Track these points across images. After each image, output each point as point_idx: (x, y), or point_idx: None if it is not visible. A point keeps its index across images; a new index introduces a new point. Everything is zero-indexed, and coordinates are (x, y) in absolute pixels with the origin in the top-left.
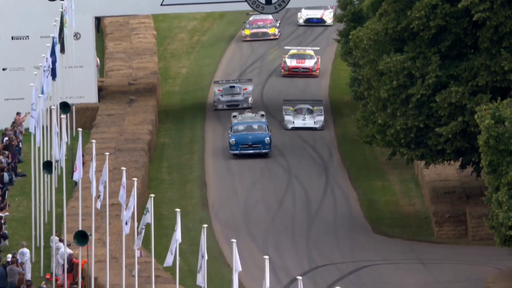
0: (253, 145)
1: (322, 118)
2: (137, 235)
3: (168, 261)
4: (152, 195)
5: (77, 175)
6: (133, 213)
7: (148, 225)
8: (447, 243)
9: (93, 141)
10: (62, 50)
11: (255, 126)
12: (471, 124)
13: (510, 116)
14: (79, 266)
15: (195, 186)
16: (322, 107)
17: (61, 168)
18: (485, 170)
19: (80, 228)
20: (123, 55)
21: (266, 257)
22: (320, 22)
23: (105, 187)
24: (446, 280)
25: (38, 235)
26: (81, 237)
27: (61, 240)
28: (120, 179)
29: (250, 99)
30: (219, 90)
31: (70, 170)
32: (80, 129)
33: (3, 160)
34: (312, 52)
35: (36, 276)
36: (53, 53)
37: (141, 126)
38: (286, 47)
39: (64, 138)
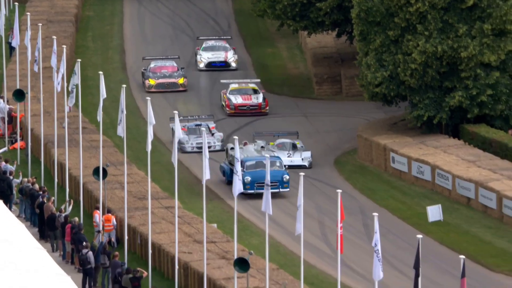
0: (271, 184)
1: (309, 154)
2: (69, 94)
3: (98, 117)
4: (79, 60)
5: (15, 42)
6: (63, 75)
7: (76, 85)
8: (325, 99)
9: (28, 13)
10: None
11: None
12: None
13: None
14: (17, 119)
15: (115, 52)
16: (301, 141)
17: (1, 36)
18: (356, 38)
19: (18, 87)
20: None
21: (176, 112)
22: (224, 65)
23: (39, 53)
24: (324, 130)
25: None
26: (19, 95)
27: (1, 97)
28: (52, 46)
29: (222, 139)
30: (183, 129)
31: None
32: (16, 3)
33: None
34: (255, 86)
35: None
36: None
37: (68, 1)
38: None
39: (3, 10)
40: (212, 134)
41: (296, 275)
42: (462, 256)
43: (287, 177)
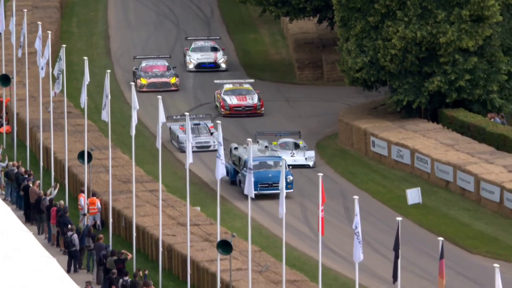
0: (274, 185)
1: (313, 153)
2: (56, 80)
3: (82, 100)
4: (64, 45)
5: (0, 28)
6: (48, 60)
7: (62, 71)
8: (307, 84)
9: None
10: None
11: (271, 162)
12: None
13: None
14: (3, 103)
15: (99, 38)
16: (303, 141)
17: None
18: (337, 24)
19: (3, 72)
20: None
21: (159, 96)
22: (213, 66)
23: (24, 39)
24: (306, 114)
25: None
26: (5, 80)
27: None
28: (37, 32)
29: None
30: (181, 128)
31: None
32: None
33: None
34: (249, 86)
35: None
36: None
37: None
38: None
39: None
40: (211, 134)
41: (278, 257)
42: (441, 238)
43: (291, 177)
